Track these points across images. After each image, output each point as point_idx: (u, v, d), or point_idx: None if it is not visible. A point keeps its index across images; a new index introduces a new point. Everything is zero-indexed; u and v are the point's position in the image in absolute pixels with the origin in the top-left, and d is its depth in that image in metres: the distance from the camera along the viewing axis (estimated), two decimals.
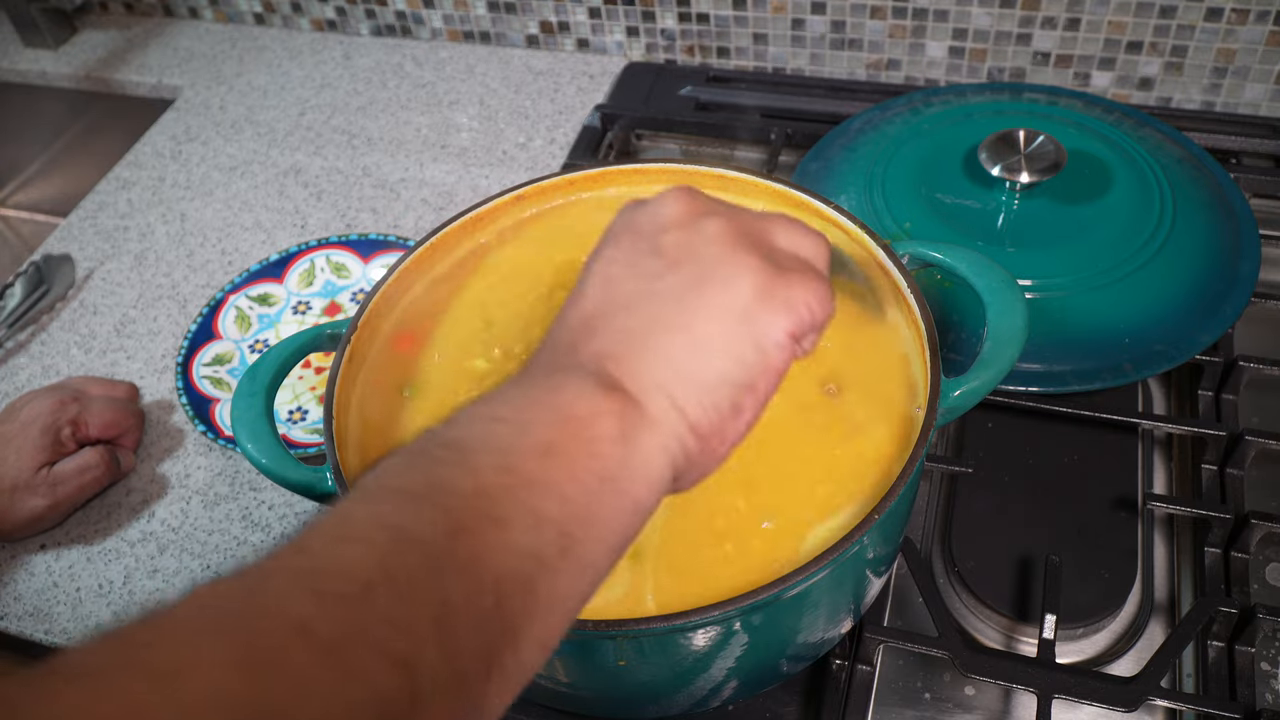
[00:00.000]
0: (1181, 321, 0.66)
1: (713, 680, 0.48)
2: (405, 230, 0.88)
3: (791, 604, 0.45)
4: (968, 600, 0.61)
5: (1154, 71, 0.88)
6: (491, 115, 0.99)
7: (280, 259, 0.83)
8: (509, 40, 1.07)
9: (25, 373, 0.81)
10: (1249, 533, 0.59)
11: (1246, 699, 0.54)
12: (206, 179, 0.97)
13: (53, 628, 0.64)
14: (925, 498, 0.66)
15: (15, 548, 0.69)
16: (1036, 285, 0.67)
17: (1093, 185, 0.72)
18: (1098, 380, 0.63)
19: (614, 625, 0.41)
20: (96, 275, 0.88)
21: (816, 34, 0.95)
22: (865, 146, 0.80)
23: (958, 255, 0.54)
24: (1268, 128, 0.84)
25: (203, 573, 0.66)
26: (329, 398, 0.51)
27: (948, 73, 0.94)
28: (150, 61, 1.13)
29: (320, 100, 1.04)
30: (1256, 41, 0.84)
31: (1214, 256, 0.69)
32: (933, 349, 0.49)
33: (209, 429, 0.71)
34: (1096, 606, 0.59)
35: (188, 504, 0.70)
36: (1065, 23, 0.87)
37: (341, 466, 0.49)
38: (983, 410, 0.67)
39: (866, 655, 0.56)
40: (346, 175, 0.95)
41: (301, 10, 1.12)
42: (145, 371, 0.79)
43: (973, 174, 0.73)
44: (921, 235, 0.71)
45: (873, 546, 0.47)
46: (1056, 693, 0.53)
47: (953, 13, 0.89)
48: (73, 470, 0.67)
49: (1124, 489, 0.64)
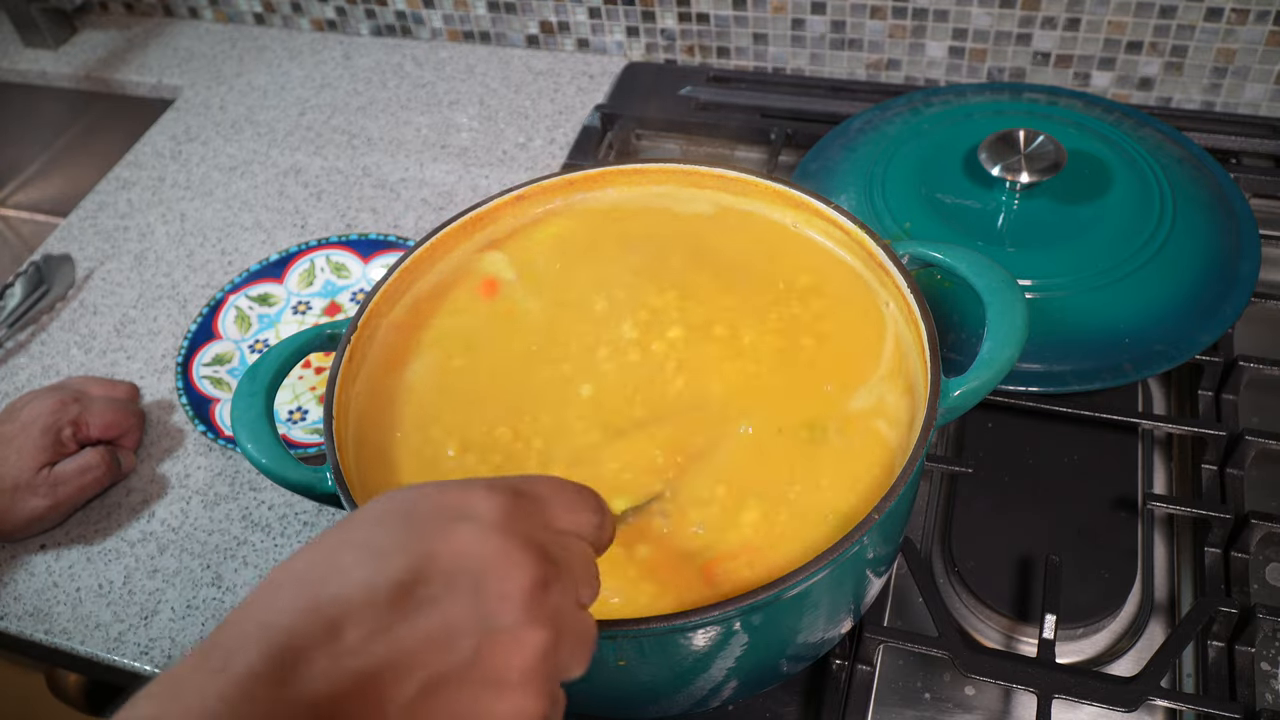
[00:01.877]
0: (1181, 321, 0.66)
1: (713, 680, 0.48)
2: (405, 230, 0.88)
3: (791, 604, 0.45)
4: (968, 600, 0.61)
5: (1154, 71, 0.88)
6: (491, 115, 0.99)
7: (280, 259, 0.83)
8: (509, 40, 1.07)
9: (25, 373, 0.81)
10: (1249, 533, 0.59)
11: (1246, 699, 0.54)
12: (206, 179, 0.97)
13: (53, 628, 0.64)
14: (925, 498, 0.66)
15: (15, 548, 0.69)
16: (1036, 285, 0.67)
17: (1093, 185, 0.72)
18: (1098, 380, 0.63)
19: (614, 625, 0.41)
20: (96, 275, 0.88)
21: (816, 34, 0.95)
22: (865, 146, 0.80)
23: (958, 255, 0.54)
24: (1268, 128, 0.84)
25: (202, 573, 0.66)
26: (329, 398, 0.51)
27: (948, 73, 0.94)
28: (150, 61, 1.13)
29: (320, 100, 1.04)
30: (1256, 41, 0.83)
31: (1214, 256, 0.69)
32: (933, 349, 0.49)
33: (209, 429, 0.71)
34: (1096, 606, 0.59)
35: (188, 504, 0.70)
36: (1065, 23, 0.87)
37: (341, 466, 0.49)
38: (983, 410, 0.67)
39: (866, 655, 0.56)
40: (346, 175, 0.95)
41: (301, 10, 1.12)
42: (145, 371, 0.79)
43: (973, 174, 0.73)
44: (921, 235, 0.71)
45: (873, 546, 0.47)
46: (1056, 693, 0.53)
47: (953, 13, 0.89)
48: (74, 471, 0.67)
49: (1124, 489, 0.64)
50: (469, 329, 0.57)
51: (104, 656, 0.63)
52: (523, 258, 0.60)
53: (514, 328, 0.57)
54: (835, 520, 0.47)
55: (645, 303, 0.56)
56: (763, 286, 0.57)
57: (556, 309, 0.57)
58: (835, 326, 0.55)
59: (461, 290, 0.59)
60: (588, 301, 0.57)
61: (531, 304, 0.58)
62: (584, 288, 0.58)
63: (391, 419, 0.53)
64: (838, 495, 0.48)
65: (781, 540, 0.46)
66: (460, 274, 0.60)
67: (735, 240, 0.60)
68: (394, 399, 0.54)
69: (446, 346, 0.56)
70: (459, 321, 0.58)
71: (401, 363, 0.56)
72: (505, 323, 0.57)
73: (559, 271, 0.59)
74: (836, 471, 0.48)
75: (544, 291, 0.58)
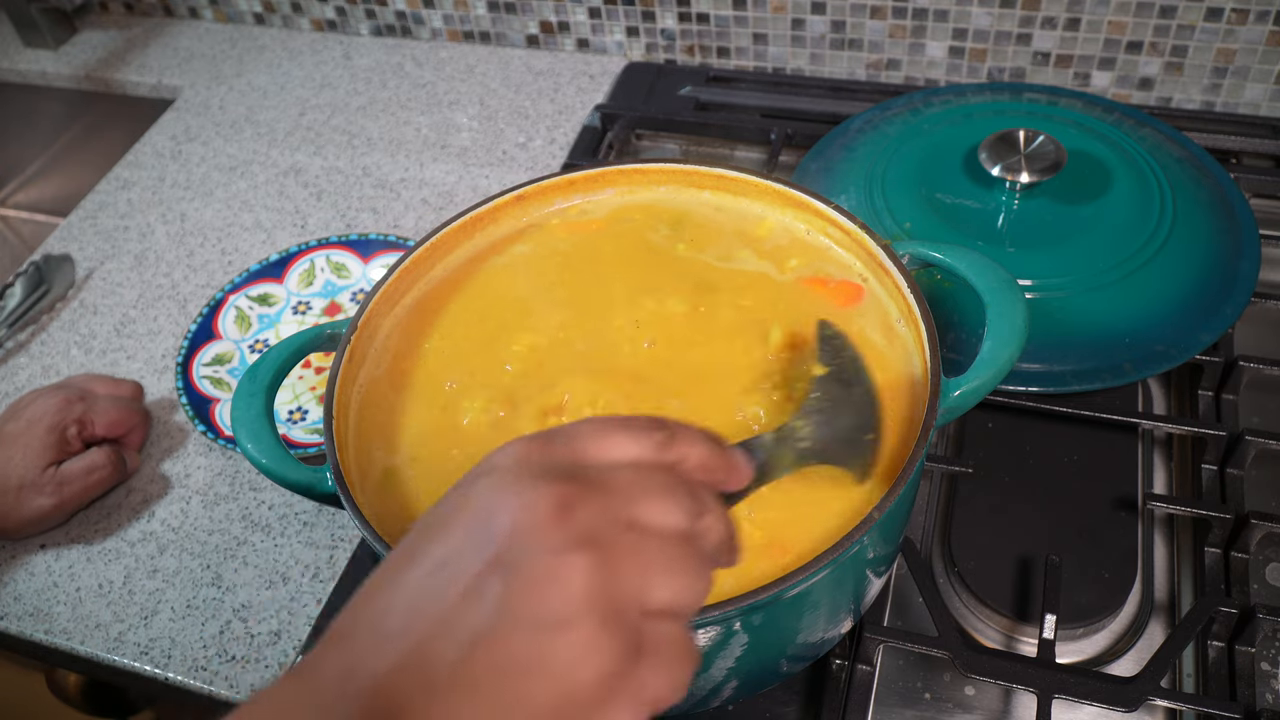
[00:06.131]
0: (1181, 321, 0.66)
1: (713, 680, 0.48)
2: (405, 230, 0.88)
3: (791, 604, 0.45)
4: (968, 600, 0.61)
5: (1154, 71, 0.88)
6: (491, 115, 0.99)
7: (280, 259, 0.83)
8: (509, 40, 1.07)
9: (25, 373, 0.81)
10: (1249, 533, 0.59)
11: (1246, 699, 0.54)
12: (206, 179, 0.97)
13: (53, 628, 0.64)
14: (925, 498, 0.66)
15: (15, 548, 0.69)
16: (1036, 285, 0.67)
17: (1093, 185, 0.72)
18: (1098, 380, 0.63)
19: None
20: (96, 275, 0.88)
21: (816, 34, 0.95)
22: (865, 146, 0.80)
23: (958, 255, 0.54)
24: (1268, 128, 0.84)
25: (202, 573, 0.66)
26: (329, 398, 0.51)
27: (948, 73, 0.94)
28: (150, 61, 1.13)
29: (320, 100, 1.04)
30: (1256, 41, 0.83)
31: (1214, 256, 0.69)
32: (933, 349, 0.49)
33: (209, 429, 0.71)
34: (1096, 606, 0.59)
35: (188, 504, 0.70)
36: (1065, 23, 0.87)
37: (341, 466, 0.49)
38: (983, 410, 0.67)
39: (866, 655, 0.56)
40: (346, 175, 0.95)
41: (301, 10, 1.12)
42: (145, 371, 0.79)
43: (973, 174, 0.73)
44: (921, 235, 0.71)
45: (873, 546, 0.47)
46: (1056, 693, 0.53)
47: (953, 13, 0.89)
48: (80, 470, 0.67)
49: (1124, 489, 0.64)
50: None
51: (104, 656, 0.63)
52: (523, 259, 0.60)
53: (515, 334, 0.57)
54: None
55: (646, 305, 0.57)
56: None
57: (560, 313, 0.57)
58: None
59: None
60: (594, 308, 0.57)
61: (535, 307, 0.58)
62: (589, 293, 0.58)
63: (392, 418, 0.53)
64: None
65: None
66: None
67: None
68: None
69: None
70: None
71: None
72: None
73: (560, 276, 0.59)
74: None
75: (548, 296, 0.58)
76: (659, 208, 0.62)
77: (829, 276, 0.57)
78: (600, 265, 0.59)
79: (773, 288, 0.57)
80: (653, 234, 0.60)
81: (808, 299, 0.56)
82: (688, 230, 0.60)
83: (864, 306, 0.55)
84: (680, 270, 0.58)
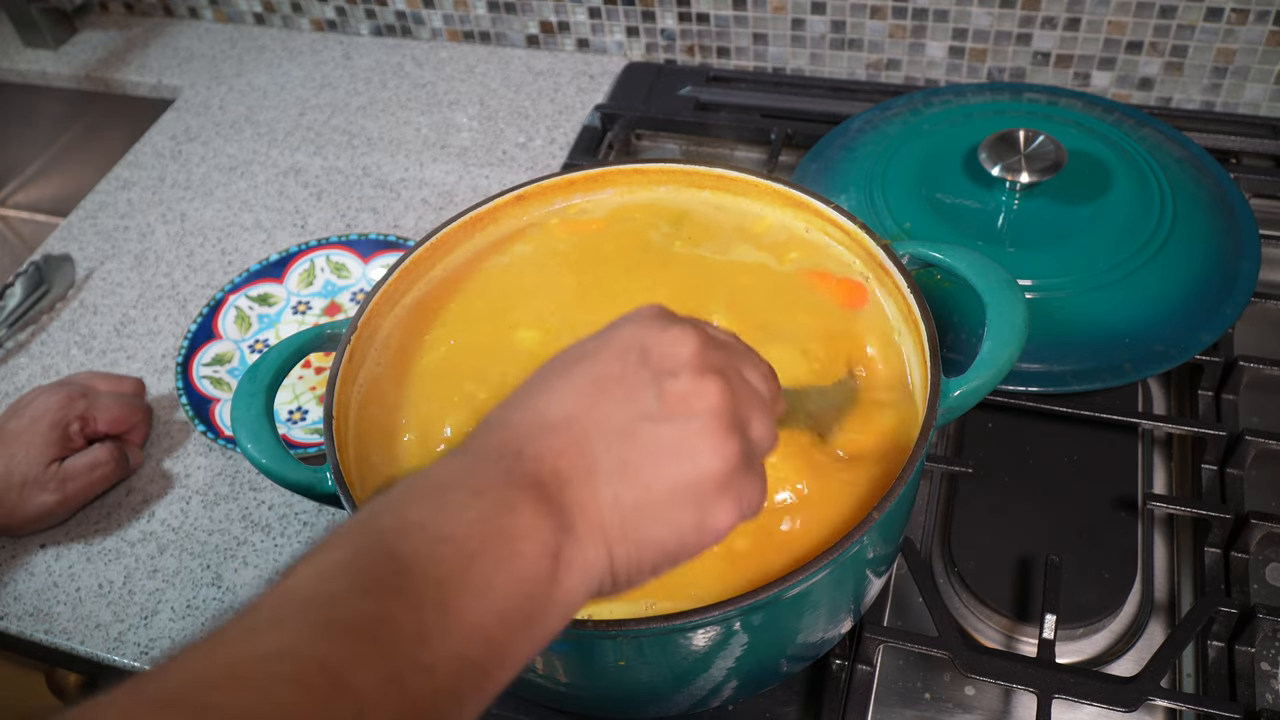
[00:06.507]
0: (1181, 321, 0.66)
1: (713, 680, 0.48)
2: (405, 230, 0.88)
3: (791, 604, 0.45)
4: (968, 600, 0.61)
5: (1154, 71, 0.88)
6: (491, 115, 0.99)
7: (280, 259, 0.83)
8: (509, 40, 1.07)
9: (25, 373, 0.81)
10: (1249, 533, 0.59)
11: (1246, 699, 0.54)
12: (206, 179, 0.97)
13: (53, 628, 0.64)
14: (925, 498, 0.66)
15: (15, 547, 0.69)
16: (1036, 285, 0.67)
17: (1093, 185, 0.72)
18: (1098, 380, 0.63)
19: (614, 625, 0.41)
20: (96, 275, 0.88)
21: (816, 34, 0.95)
22: (865, 146, 0.80)
23: (958, 255, 0.54)
24: (1268, 128, 0.84)
25: (202, 573, 0.66)
26: (329, 398, 0.51)
27: (948, 73, 0.94)
28: (150, 61, 1.13)
29: (320, 100, 1.04)
30: (1256, 41, 0.83)
31: (1214, 256, 0.69)
32: (933, 349, 0.49)
33: (209, 429, 0.71)
34: (1096, 606, 0.59)
35: (188, 504, 0.70)
36: (1065, 23, 0.87)
37: (341, 466, 0.49)
38: (983, 410, 0.67)
39: (866, 655, 0.56)
40: (346, 175, 0.95)
41: (301, 10, 1.12)
42: (145, 371, 0.79)
43: (973, 174, 0.73)
44: (921, 235, 0.71)
45: (873, 546, 0.47)
46: (1056, 693, 0.53)
47: (953, 13, 0.89)
48: (83, 467, 0.67)
49: (1124, 489, 0.64)
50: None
51: (104, 656, 0.63)
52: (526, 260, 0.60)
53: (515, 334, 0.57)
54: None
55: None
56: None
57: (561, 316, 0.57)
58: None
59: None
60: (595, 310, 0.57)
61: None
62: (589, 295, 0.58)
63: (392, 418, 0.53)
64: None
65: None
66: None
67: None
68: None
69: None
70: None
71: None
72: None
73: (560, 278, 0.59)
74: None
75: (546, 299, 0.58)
76: (659, 207, 0.62)
77: (829, 272, 0.57)
78: (600, 265, 0.59)
79: (772, 279, 0.57)
80: (653, 233, 0.60)
81: (809, 295, 0.56)
82: (687, 229, 0.61)
83: (868, 309, 0.55)
84: (680, 269, 0.58)
